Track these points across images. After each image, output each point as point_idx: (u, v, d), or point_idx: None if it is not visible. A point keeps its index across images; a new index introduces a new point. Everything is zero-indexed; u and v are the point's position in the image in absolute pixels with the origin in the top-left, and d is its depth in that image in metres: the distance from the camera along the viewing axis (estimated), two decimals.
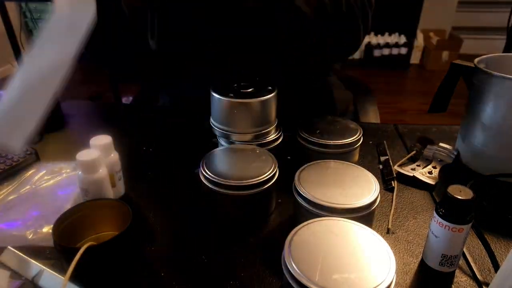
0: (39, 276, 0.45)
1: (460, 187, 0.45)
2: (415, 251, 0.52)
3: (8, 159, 0.70)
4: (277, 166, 0.57)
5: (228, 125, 0.64)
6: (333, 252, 0.42)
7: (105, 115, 0.94)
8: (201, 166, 0.57)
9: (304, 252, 0.42)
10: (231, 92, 0.63)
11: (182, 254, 0.52)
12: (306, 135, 0.67)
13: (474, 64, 0.68)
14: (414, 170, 0.68)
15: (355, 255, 0.42)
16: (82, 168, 0.53)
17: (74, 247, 0.44)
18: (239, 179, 0.54)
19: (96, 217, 0.51)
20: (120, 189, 0.62)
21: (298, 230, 0.45)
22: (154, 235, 0.55)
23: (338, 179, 0.55)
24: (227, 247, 0.53)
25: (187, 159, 0.73)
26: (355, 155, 0.70)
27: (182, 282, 0.48)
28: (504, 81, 0.62)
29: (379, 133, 0.82)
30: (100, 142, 0.57)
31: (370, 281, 0.38)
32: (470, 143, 0.69)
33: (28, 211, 0.57)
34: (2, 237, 0.53)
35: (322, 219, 0.47)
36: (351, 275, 0.39)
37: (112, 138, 0.59)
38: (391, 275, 0.39)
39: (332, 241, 0.43)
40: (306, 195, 0.51)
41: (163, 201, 0.62)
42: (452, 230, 0.45)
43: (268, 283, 0.47)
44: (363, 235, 0.44)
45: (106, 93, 2.95)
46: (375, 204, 0.52)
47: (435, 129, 0.84)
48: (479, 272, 0.49)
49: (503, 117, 0.63)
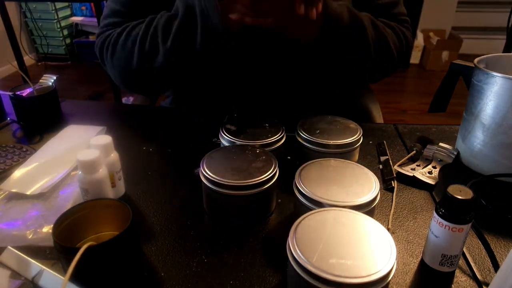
0: (39, 276, 0.45)
1: (460, 187, 0.45)
2: (415, 251, 0.52)
3: (8, 159, 0.70)
4: (277, 166, 0.57)
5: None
6: (336, 239, 0.43)
7: (105, 115, 0.94)
8: (201, 166, 0.57)
9: (308, 236, 0.43)
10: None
11: (182, 254, 0.52)
12: (306, 135, 0.67)
13: (474, 64, 0.68)
14: (414, 170, 0.68)
15: (357, 244, 0.42)
16: (82, 168, 0.53)
17: (74, 247, 0.44)
18: (239, 179, 0.54)
19: (96, 217, 0.51)
20: (120, 189, 0.62)
21: (307, 216, 0.46)
22: (154, 235, 0.55)
23: (338, 177, 0.55)
24: (227, 247, 0.53)
25: (187, 159, 0.73)
26: (355, 155, 0.70)
27: (182, 282, 0.48)
28: (504, 81, 0.62)
29: (379, 133, 0.82)
30: (100, 142, 0.57)
31: (365, 269, 0.39)
32: (470, 143, 0.69)
33: (28, 211, 0.57)
34: (2, 237, 0.53)
35: (331, 209, 0.48)
36: (348, 261, 0.40)
37: (112, 138, 0.59)
38: (388, 267, 0.39)
39: (337, 229, 0.44)
40: (306, 192, 0.51)
41: (163, 201, 0.62)
42: (452, 230, 0.45)
43: (268, 283, 0.47)
44: (370, 227, 0.45)
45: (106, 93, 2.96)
46: (375, 202, 0.52)
47: (435, 129, 0.84)
48: (479, 272, 0.49)
49: (503, 117, 0.63)
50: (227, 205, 0.57)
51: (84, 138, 0.73)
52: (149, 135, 0.82)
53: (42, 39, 3.62)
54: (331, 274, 0.38)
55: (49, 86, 0.88)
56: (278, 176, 0.57)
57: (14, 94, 0.82)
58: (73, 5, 3.67)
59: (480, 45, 3.53)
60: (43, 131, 0.82)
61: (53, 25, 3.54)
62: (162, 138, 0.80)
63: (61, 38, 3.61)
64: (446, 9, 3.50)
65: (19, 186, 0.61)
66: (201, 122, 0.86)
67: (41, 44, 3.65)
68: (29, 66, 3.15)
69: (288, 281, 0.46)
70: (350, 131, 0.68)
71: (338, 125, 0.71)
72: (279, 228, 0.57)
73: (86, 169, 0.53)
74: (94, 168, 0.53)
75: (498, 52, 0.88)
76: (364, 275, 0.38)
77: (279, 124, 0.70)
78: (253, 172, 0.55)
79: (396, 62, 0.82)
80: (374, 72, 0.82)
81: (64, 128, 0.79)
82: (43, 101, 0.85)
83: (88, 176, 0.53)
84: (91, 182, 0.54)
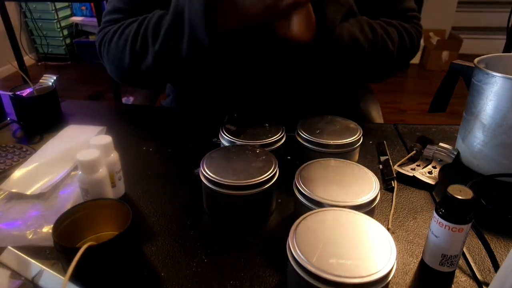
0: (39, 276, 0.45)
1: (460, 187, 0.45)
2: (415, 251, 0.52)
3: (8, 159, 0.70)
4: (277, 166, 0.57)
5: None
6: (336, 239, 0.43)
7: (105, 115, 0.94)
8: (201, 166, 0.57)
9: (308, 236, 0.43)
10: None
11: (182, 254, 0.52)
12: (306, 135, 0.67)
13: (474, 64, 0.68)
14: (414, 170, 0.68)
15: (357, 244, 0.42)
16: (82, 168, 0.53)
17: (74, 247, 0.44)
18: (239, 179, 0.54)
19: (96, 217, 0.51)
20: (120, 189, 0.62)
21: (307, 216, 0.46)
22: (154, 235, 0.55)
23: (338, 177, 0.55)
24: (227, 247, 0.53)
25: (187, 159, 0.73)
26: (355, 155, 0.70)
27: (182, 282, 0.48)
28: (504, 81, 0.62)
29: (379, 133, 0.82)
30: (100, 142, 0.57)
31: (365, 269, 0.39)
32: (470, 143, 0.69)
33: (28, 211, 0.57)
34: (2, 237, 0.53)
35: (331, 209, 0.48)
36: (348, 261, 0.40)
37: (112, 138, 0.59)
38: (388, 267, 0.39)
39: (338, 229, 0.44)
40: (306, 192, 0.51)
41: (163, 201, 0.62)
42: (452, 230, 0.45)
43: (268, 283, 0.47)
44: (370, 227, 0.45)
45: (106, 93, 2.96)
46: (375, 202, 0.52)
47: (435, 129, 0.84)
48: (479, 272, 0.49)
49: (503, 117, 0.63)
50: (227, 205, 0.57)
51: (84, 138, 0.73)
52: (149, 135, 0.82)
53: (42, 39, 3.62)
54: (331, 274, 0.38)
55: (49, 86, 0.88)
56: (278, 176, 0.57)
57: (14, 94, 0.82)
58: (73, 5, 3.67)
59: (480, 45, 3.53)
60: (43, 131, 0.82)
61: (53, 25, 3.55)
62: (162, 138, 0.80)
63: (61, 38, 3.62)
64: (446, 9, 3.50)
65: (19, 186, 0.61)
66: (201, 122, 0.86)
67: (41, 44, 3.65)
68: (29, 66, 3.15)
69: (288, 281, 0.46)
70: (350, 131, 0.68)
71: (338, 125, 0.71)
72: (279, 228, 0.57)
73: (86, 169, 0.53)
74: (94, 168, 0.53)
75: (498, 52, 0.88)
76: (364, 275, 0.38)
77: (279, 124, 0.70)
78: (253, 172, 0.55)
79: (398, 62, 0.81)
80: (374, 73, 0.82)
81: (64, 128, 0.79)
82: (43, 101, 0.85)
83: (88, 176, 0.53)
84: (91, 182, 0.54)
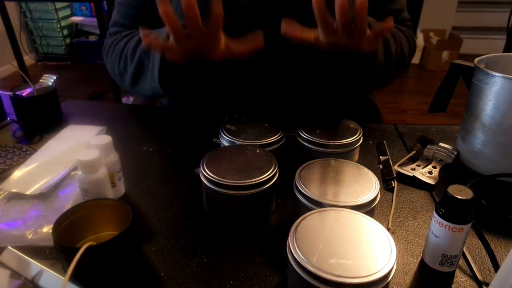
0: (39, 276, 0.45)
1: (460, 187, 0.45)
2: (415, 251, 0.52)
3: (8, 159, 0.70)
4: (277, 166, 0.57)
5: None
6: (336, 239, 0.43)
7: (105, 115, 0.94)
8: (201, 166, 0.57)
9: (308, 236, 0.43)
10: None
11: (182, 254, 0.52)
12: (306, 135, 0.67)
13: (474, 64, 0.68)
14: (414, 170, 0.68)
15: (357, 244, 0.42)
16: (82, 168, 0.53)
17: (74, 247, 0.44)
18: (239, 179, 0.54)
19: (96, 217, 0.51)
20: (120, 189, 0.62)
21: (307, 216, 0.46)
22: (154, 235, 0.55)
23: (338, 177, 0.55)
24: (227, 247, 0.53)
25: (187, 159, 0.73)
26: (355, 155, 0.70)
27: (182, 282, 0.48)
28: (504, 81, 0.62)
29: (379, 133, 0.82)
30: (100, 142, 0.57)
31: (365, 269, 0.39)
32: (470, 143, 0.69)
33: (28, 211, 0.57)
34: (2, 237, 0.53)
35: (331, 209, 0.48)
36: (348, 261, 0.40)
37: (112, 138, 0.59)
38: (388, 267, 0.39)
39: (338, 229, 0.44)
40: (306, 192, 0.51)
41: (163, 201, 0.62)
42: (452, 230, 0.45)
43: (268, 283, 0.47)
44: (370, 227, 0.45)
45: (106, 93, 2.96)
46: (375, 202, 0.52)
47: (435, 129, 0.84)
48: (479, 272, 0.49)
49: (503, 117, 0.63)
50: (227, 205, 0.57)
51: (84, 138, 0.73)
52: (149, 135, 0.82)
53: (42, 39, 3.62)
54: (331, 274, 0.38)
55: (49, 86, 0.88)
56: (278, 176, 0.57)
57: (14, 94, 0.82)
58: (73, 5, 3.67)
59: (480, 45, 3.53)
60: (43, 131, 0.82)
61: (53, 25, 3.55)
62: (162, 138, 0.80)
63: (61, 38, 3.62)
64: (446, 9, 3.50)
65: (19, 186, 0.61)
66: (201, 122, 0.86)
67: (41, 44, 3.65)
68: (29, 66, 3.15)
69: (288, 281, 0.46)
70: (350, 131, 0.68)
71: (338, 125, 0.71)
72: (279, 228, 0.57)
73: (86, 169, 0.53)
74: (94, 168, 0.53)
75: (498, 52, 0.88)
76: (364, 275, 0.38)
77: (279, 124, 0.70)
78: (253, 172, 0.55)
79: (405, 66, 0.86)
80: (386, 80, 0.84)
81: (64, 128, 0.79)
82: (43, 101, 0.85)
83: (88, 176, 0.53)
84: (91, 182, 0.54)
